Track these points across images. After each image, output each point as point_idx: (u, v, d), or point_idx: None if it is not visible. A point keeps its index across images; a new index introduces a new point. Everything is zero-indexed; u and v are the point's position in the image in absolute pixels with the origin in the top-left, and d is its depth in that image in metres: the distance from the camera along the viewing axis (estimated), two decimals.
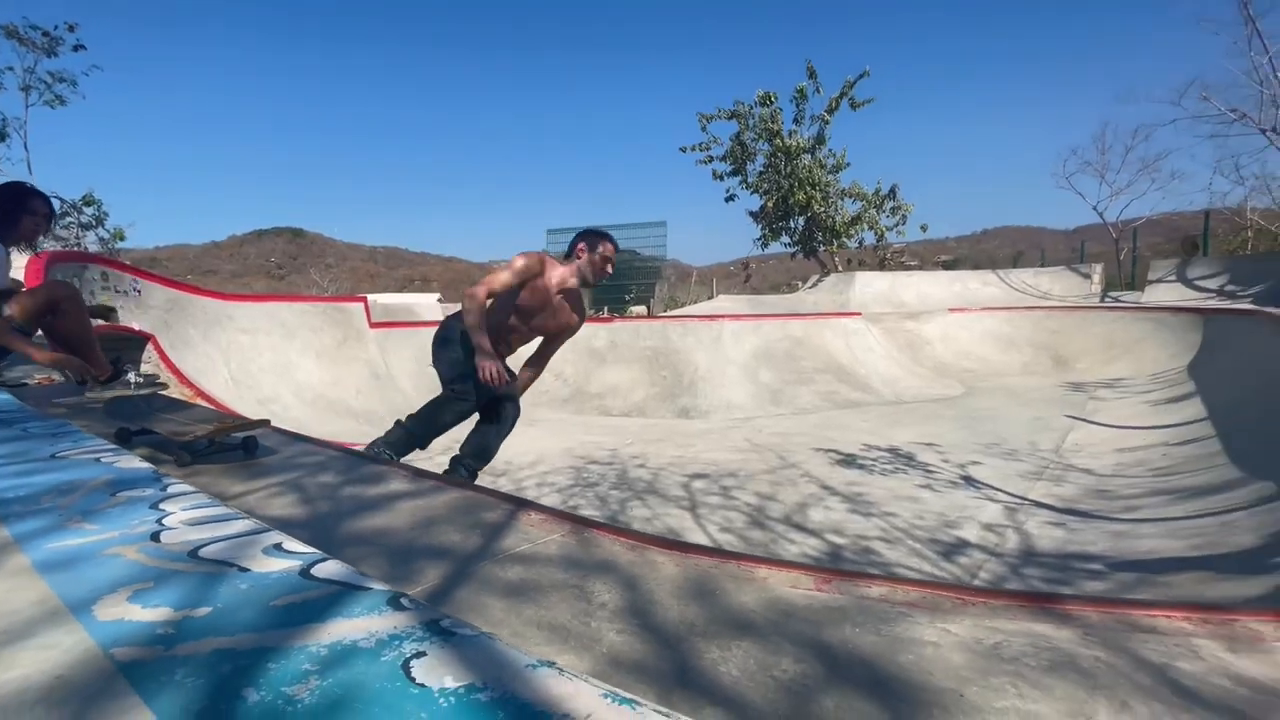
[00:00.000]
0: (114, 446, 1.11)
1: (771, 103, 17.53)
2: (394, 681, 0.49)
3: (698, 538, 3.60)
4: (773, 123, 17.43)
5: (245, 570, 0.61)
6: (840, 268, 18.09)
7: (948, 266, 23.67)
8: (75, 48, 13.84)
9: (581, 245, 3.08)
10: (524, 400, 3.54)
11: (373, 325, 8.34)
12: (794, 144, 17.34)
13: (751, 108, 17.67)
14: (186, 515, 0.76)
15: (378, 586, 0.57)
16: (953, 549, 3.31)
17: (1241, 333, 7.67)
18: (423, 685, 0.48)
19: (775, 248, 19.62)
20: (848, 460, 5.20)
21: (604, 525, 1.23)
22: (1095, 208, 19.41)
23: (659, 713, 0.46)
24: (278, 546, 0.68)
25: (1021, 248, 39.33)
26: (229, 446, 1.99)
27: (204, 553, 0.66)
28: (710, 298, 18.38)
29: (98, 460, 1.03)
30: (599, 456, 5.64)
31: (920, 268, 22.14)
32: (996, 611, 0.83)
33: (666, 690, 0.71)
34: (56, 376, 3.89)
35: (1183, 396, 6.58)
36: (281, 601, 0.53)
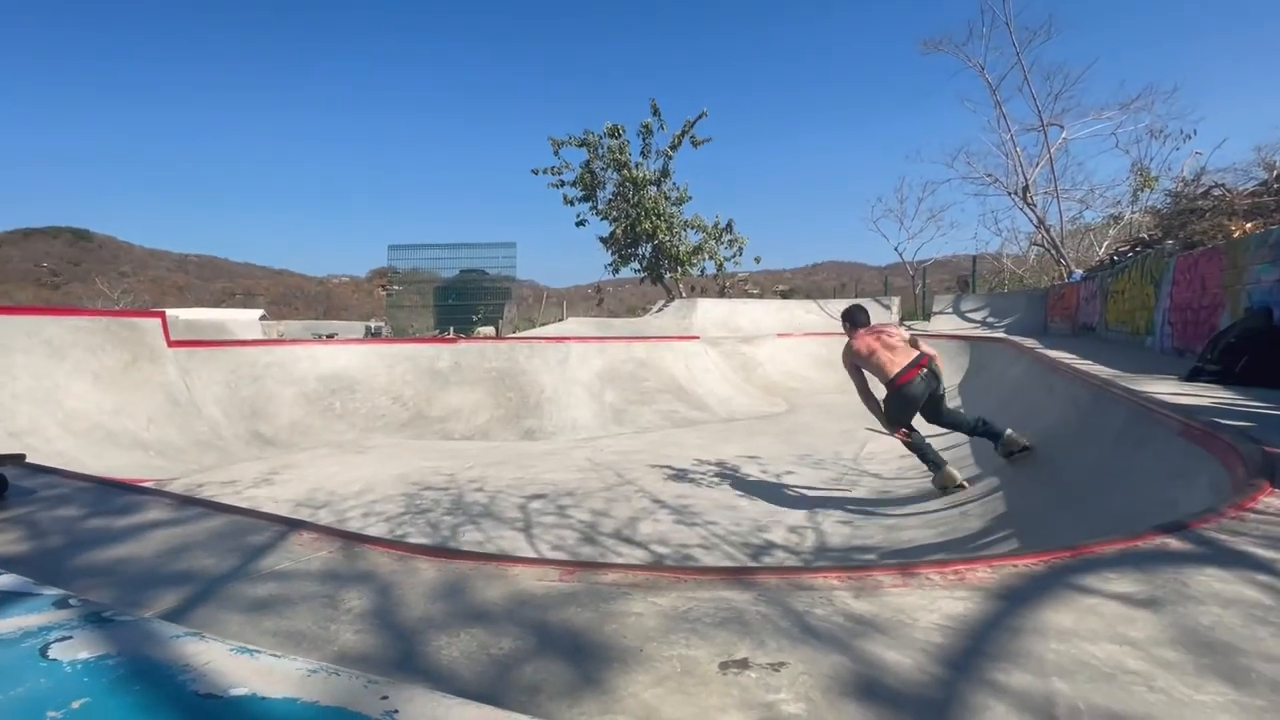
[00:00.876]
0: None
1: (620, 135, 18.30)
2: (26, 660, 0.52)
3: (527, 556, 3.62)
4: (621, 154, 18.18)
5: None
6: (685, 294, 19.16)
7: (785, 295, 26.07)
8: None
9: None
10: (355, 429, 3.36)
11: (172, 344, 7.34)
12: (641, 175, 18.20)
13: (601, 138, 18.30)
14: None
15: (47, 592, 0.57)
16: (760, 550, 3.65)
17: (996, 355, 9.33)
18: (54, 660, 0.52)
19: (625, 273, 20.33)
20: (679, 475, 5.50)
21: (376, 540, 1.23)
22: (896, 248, 22.54)
23: (275, 656, 0.52)
24: None
25: (844, 280, 44.25)
26: None
27: None
28: (560, 320, 18.53)
29: None
30: (434, 482, 5.43)
31: (761, 296, 24.13)
32: (702, 584, 0.99)
33: (380, 674, 0.76)
34: None
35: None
36: None
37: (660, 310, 16.83)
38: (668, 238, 18.49)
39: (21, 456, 1.94)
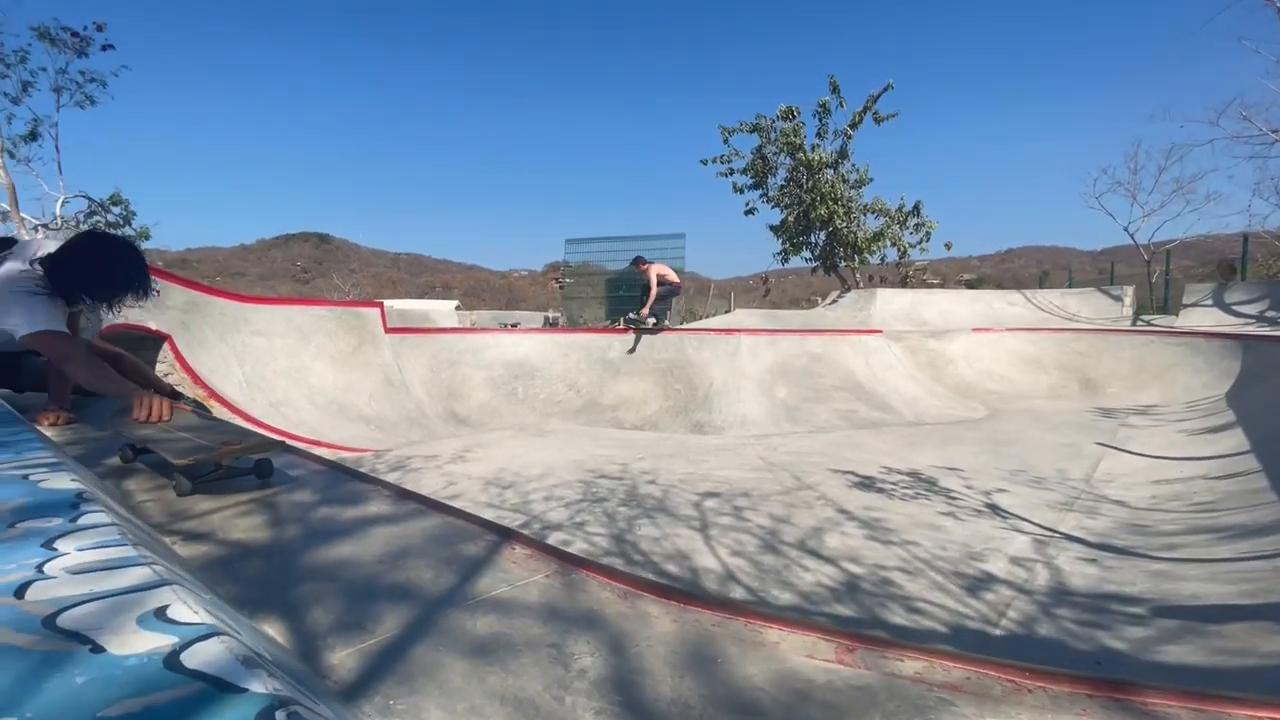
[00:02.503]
0: (55, 462, 1.00)
1: (794, 117, 17.42)
2: None
3: (708, 561, 3.45)
4: (795, 137, 17.31)
5: (99, 651, 0.48)
6: (861, 284, 17.83)
7: (971, 285, 23.27)
8: (104, 47, 14.15)
9: None
10: (535, 413, 3.45)
11: (388, 331, 8.32)
12: (816, 158, 17.19)
13: (773, 121, 17.57)
14: (78, 559, 0.64)
15: (258, 688, 0.44)
16: (978, 583, 3.12)
17: None
18: None
19: (795, 263, 19.43)
20: (866, 483, 5.00)
21: (594, 565, 1.09)
22: (1126, 229, 18.95)
23: None
24: (161, 612, 0.55)
25: (1047, 268, 38.59)
26: (240, 471, 1.76)
27: (64, 619, 0.53)
28: (728, 311, 18.22)
29: (25, 478, 0.92)
30: (609, 471, 5.50)
31: (943, 286, 21.78)
32: (1059, 702, 0.69)
33: None
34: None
35: (1222, 427, 6.27)
36: (114, 711, 0.40)
37: (834, 302, 15.79)
38: (845, 223, 17.29)
39: (283, 442, 2.11)
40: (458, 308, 24.22)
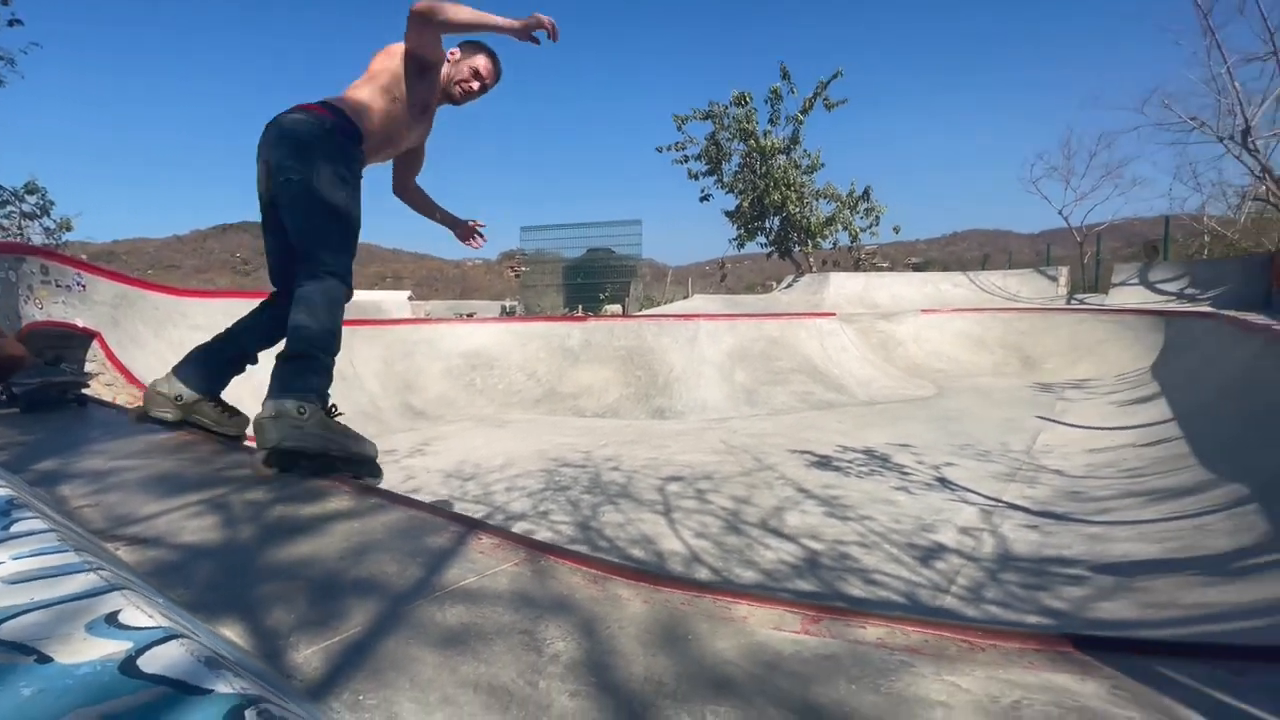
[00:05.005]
0: None
1: (746, 103, 17.53)
2: None
3: (673, 544, 3.49)
4: (748, 123, 17.44)
5: (46, 661, 0.45)
6: (815, 268, 18.18)
7: (918, 268, 24.01)
8: (11, 23, 13.04)
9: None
10: (494, 403, 3.40)
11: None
12: (769, 144, 17.37)
13: (726, 108, 17.66)
14: (15, 568, 0.60)
15: (224, 689, 0.42)
16: (930, 553, 3.25)
17: (1202, 335, 7.85)
18: None
19: (751, 248, 19.66)
20: (823, 462, 5.13)
21: (564, 551, 1.09)
22: (1060, 212, 19.82)
23: None
24: (112, 617, 0.52)
25: (988, 250, 40.08)
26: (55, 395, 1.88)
27: (5, 630, 0.50)
28: (686, 297, 18.32)
29: None
30: (572, 459, 5.49)
31: (891, 269, 22.39)
32: (1009, 658, 0.72)
33: None
34: None
35: (1148, 397, 6.68)
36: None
37: (789, 286, 16.07)
38: (798, 209, 17.55)
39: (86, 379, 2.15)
40: (411, 298, 23.58)
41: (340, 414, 2.08)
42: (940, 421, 6.80)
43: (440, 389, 8.34)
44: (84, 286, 5.42)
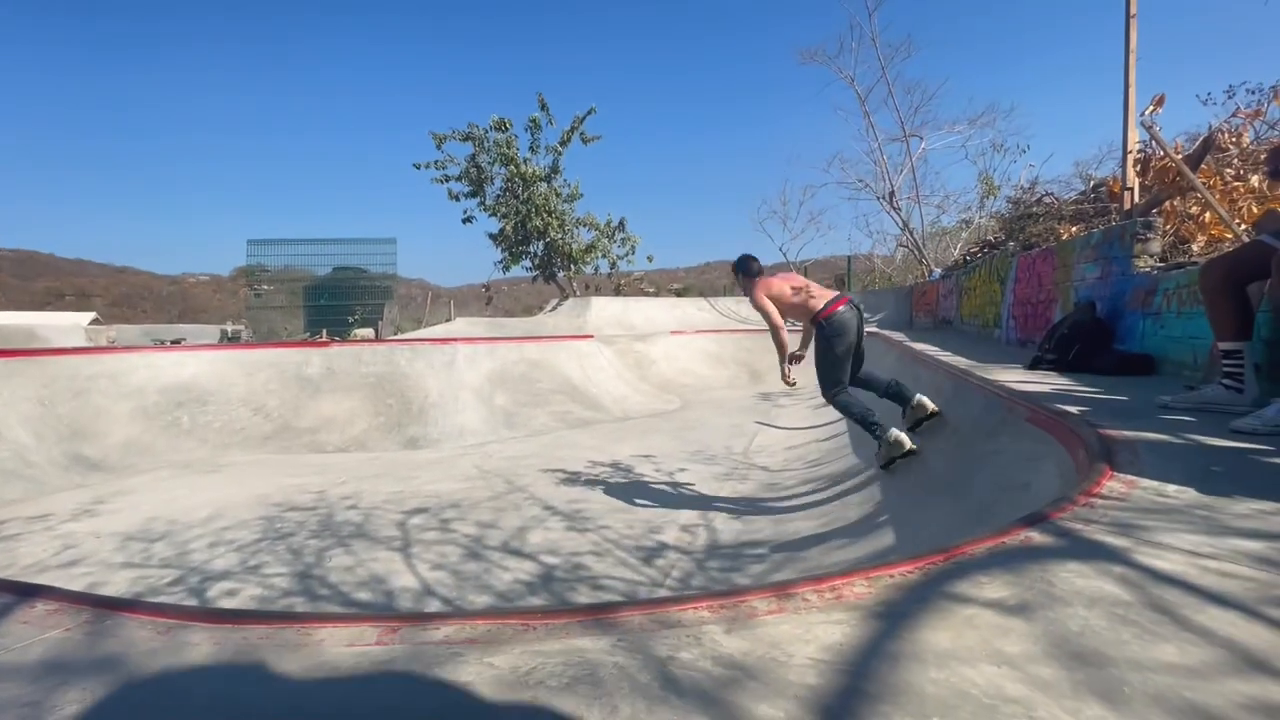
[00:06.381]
0: None
1: (507, 129, 17.74)
2: None
3: (406, 580, 3.33)
4: (509, 148, 17.63)
5: None
6: (579, 292, 18.95)
7: (679, 294, 26.56)
8: None
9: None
10: (207, 445, 2.89)
11: None
12: (530, 171, 17.75)
13: (487, 131, 17.64)
14: None
15: None
16: (653, 553, 3.58)
17: (870, 348, 9.96)
18: None
19: (517, 272, 19.77)
20: (572, 479, 5.35)
21: (138, 605, 0.99)
22: (780, 249, 23.66)
23: None
24: None
25: (733, 279, 45.93)
26: None
27: None
28: (448, 320, 17.70)
29: None
30: (300, 501, 4.91)
31: (657, 294, 24.41)
32: (553, 632, 0.86)
33: None
34: None
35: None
36: None
37: (554, 309, 16.53)
38: (560, 235, 18.18)
39: None
40: (94, 321, 18.97)
41: None
42: (681, 431, 7.56)
43: (128, 433, 6.83)
44: None
